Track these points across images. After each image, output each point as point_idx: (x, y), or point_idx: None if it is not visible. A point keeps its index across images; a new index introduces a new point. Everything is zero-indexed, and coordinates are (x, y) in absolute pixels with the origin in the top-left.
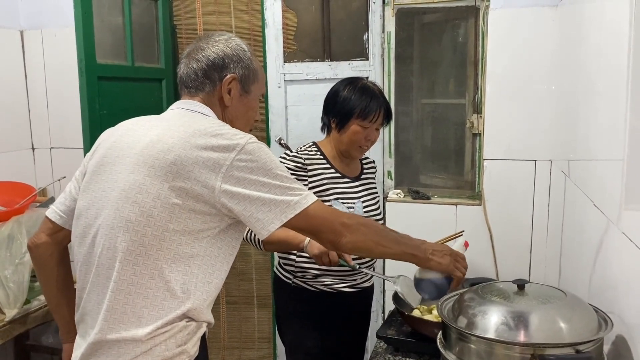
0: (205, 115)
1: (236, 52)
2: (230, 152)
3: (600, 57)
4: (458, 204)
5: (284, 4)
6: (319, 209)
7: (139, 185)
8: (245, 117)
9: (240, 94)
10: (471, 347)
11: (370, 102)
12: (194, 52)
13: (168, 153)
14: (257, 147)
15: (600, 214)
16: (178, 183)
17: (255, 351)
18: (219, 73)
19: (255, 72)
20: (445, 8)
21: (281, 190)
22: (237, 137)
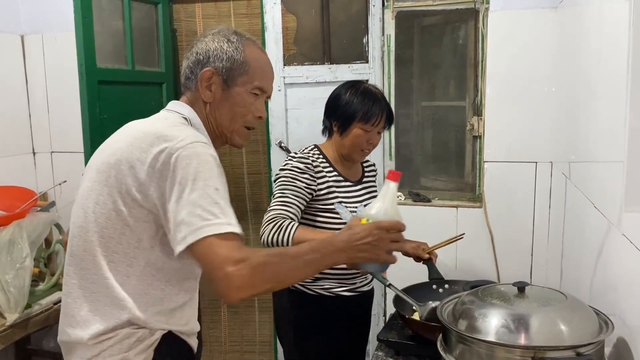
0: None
1: (220, 44)
2: (165, 155)
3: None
4: (459, 207)
5: (283, 8)
6: (215, 244)
7: (87, 191)
8: (230, 113)
9: (222, 88)
10: (472, 350)
11: (372, 106)
12: (190, 50)
13: (111, 157)
14: (196, 153)
15: (600, 216)
16: (115, 187)
17: (257, 355)
18: (200, 68)
19: (243, 63)
20: (444, 10)
21: (198, 208)
22: (179, 138)
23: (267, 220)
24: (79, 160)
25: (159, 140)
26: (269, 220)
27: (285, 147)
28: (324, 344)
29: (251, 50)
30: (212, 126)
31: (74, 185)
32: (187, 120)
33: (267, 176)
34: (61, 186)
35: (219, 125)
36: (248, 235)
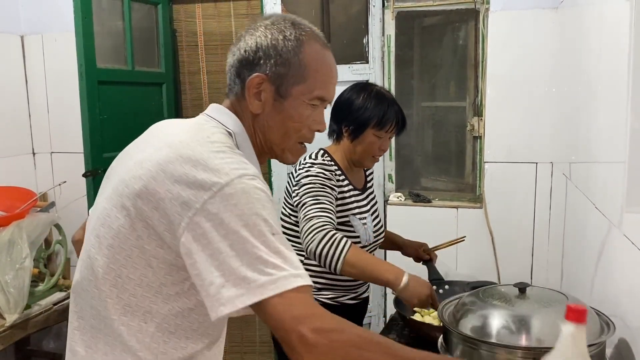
0: (224, 130)
1: (274, 41)
2: (205, 191)
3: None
4: (459, 207)
5: (283, 8)
6: (285, 303)
7: (104, 216)
8: (282, 128)
9: (274, 98)
10: (473, 351)
11: (387, 111)
12: (235, 43)
13: (137, 181)
14: (243, 190)
15: (602, 217)
16: (140, 221)
17: (257, 355)
18: (249, 71)
19: (302, 67)
20: (445, 11)
21: (253, 258)
22: (223, 171)
23: (315, 228)
24: (78, 161)
25: (197, 170)
26: (317, 229)
27: None
28: None
29: (312, 48)
30: (259, 140)
31: (73, 185)
32: (232, 136)
33: (267, 177)
34: (61, 187)
35: (267, 141)
36: None
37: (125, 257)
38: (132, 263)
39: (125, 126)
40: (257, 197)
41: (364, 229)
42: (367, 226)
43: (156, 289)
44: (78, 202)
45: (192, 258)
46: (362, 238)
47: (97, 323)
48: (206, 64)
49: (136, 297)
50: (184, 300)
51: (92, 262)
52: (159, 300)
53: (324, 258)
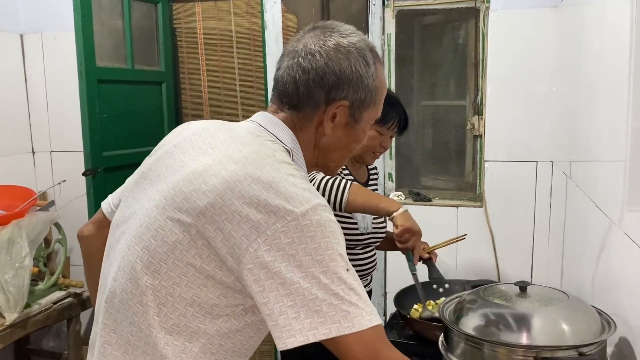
0: (282, 147)
1: (356, 68)
2: (278, 218)
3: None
4: (459, 206)
5: (283, 6)
6: (361, 343)
7: (157, 227)
8: (347, 148)
9: (346, 122)
10: (473, 350)
11: (390, 109)
12: (302, 54)
13: (202, 197)
14: (319, 223)
15: (602, 215)
16: (200, 239)
17: (257, 354)
18: (325, 93)
19: (375, 93)
20: (445, 9)
21: (328, 293)
22: (297, 200)
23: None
24: (78, 160)
25: (269, 193)
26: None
27: None
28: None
29: (381, 72)
30: (314, 155)
31: (73, 184)
32: (290, 154)
33: None
34: (60, 185)
35: (327, 159)
36: None
37: (180, 275)
38: (187, 282)
39: (125, 125)
40: (331, 230)
41: (362, 216)
42: (365, 215)
43: (207, 310)
44: (78, 200)
45: (260, 286)
46: (360, 226)
47: (136, 340)
48: (206, 62)
49: (186, 317)
50: (233, 321)
51: (136, 275)
52: (208, 320)
53: (328, 190)
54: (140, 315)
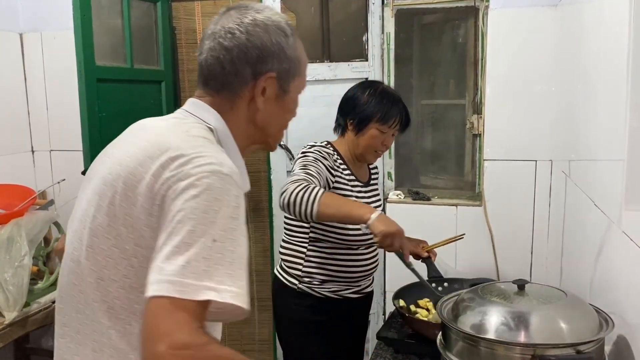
0: (204, 125)
1: (277, 39)
2: (170, 178)
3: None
4: (458, 205)
5: (283, 5)
6: (161, 307)
7: (85, 217)
8: (281, 121)
9: (277, 94)
10: (471, 348)
11: (391, 107)
12: (222, 34)
13: (117, 179)
14: (207, 190)
15: (601, 214)
16: (119, 219)
17: (256, 353)
18: (252, 68)
19: (298, 63)
20: (444, 8)
21: (185, 258)
22: (193, 163)
23: (290, 182)
24: (78, 159)
25: (171, 159)
26: (291, 181)
27: (285, 145)
28: (328, 345)
29: (299, 43)
30: (251, 132)
31: (73, 183)
32: (213, 132)
33: (266, 174)
34: (60, 184)
35: (264, 134)
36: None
37: (106, 258)
38: (114, 264)
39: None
40: (227, 201)
41: None
42: None
43: (139, 290)
44: None
45: (162, 235)
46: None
47: (84, 328)
48: None
49: (120, 299)
50: None
51: (74, 265)
52: (142, 300)
53: (298, 203)
54: (83, 303)
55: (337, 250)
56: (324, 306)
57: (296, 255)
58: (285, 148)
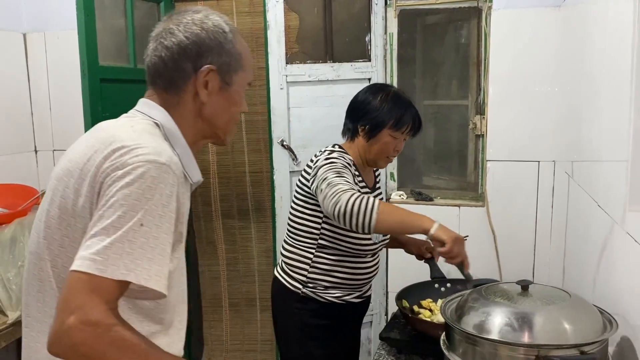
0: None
1: (214, 35)
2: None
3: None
4: (461, 206)
5: (286, 6)
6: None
7: (42, 212)
8: (228, 113)
9: (220, 86)
10: (475, 349)
11: (404, 113)
12: (162, 35)
13: (67, 174)
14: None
15: (604, 215)
16: (68, 211)
17: (258, 354)
18: (192, 63)
19: (239, 57)
20: (447, 9)
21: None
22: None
23: (341, 190)
24: None
25: (112, 150)
26: (343, 191)
27: (288, 145)
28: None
29: (240, 40)
30: (199, 126)
31: None
32: (159, 127)
33: (269, 175)
34: None
35: (213, 127)
36: (249, 234)
37: (59, 248)
38: (66, 252)
39: None
40: (159, 191)
41: None
42: None
43: None
44: None
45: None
46: (373, 235)
47: (43, 316)
48: None
49: None
50: None
51: (33, 257)
52: None
53: (355, 213)
54: (42, 292)
55: (344, 258)
56: (327, 311)
57: (301, 260)
58: (288, 148)
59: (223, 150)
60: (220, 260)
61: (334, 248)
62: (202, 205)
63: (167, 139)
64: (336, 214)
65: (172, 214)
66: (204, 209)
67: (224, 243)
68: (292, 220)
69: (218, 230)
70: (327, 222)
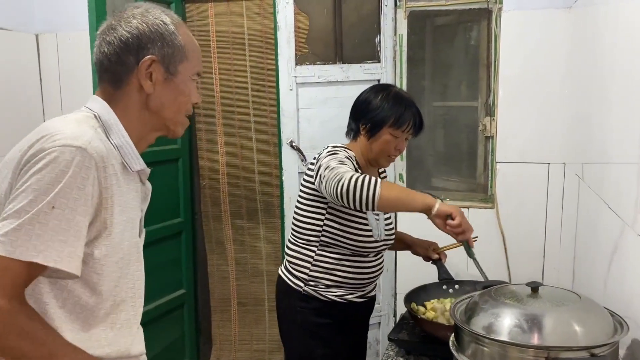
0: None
1: (154, 27)
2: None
3: (615, 58)
4: (470, 207)
5: (296, 7)
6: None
7: None
8: (175, 103)
9: (164, 77)
10: (484, 350)
11: (405, 112)
12: (105, 32)
13: (5, 166)
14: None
15: (615, 217)
16: (5, 199)
17: (266, 354)
18: (134, 56)
19: (182, 48)
20: (457, 10)
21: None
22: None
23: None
24: None
25: (37, 140)
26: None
27: (297, 146)
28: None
29: (184, 31)
30: (147, 118)
31: None
32: (97, 118)
33: (277, 175)
34: None
35: (161, 118)
36: (258, 234)
37: None
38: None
39: None
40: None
41: (376, 223)
42: (379, 222)
43: None
44: None
45: None
46: (375, 233)
47: None
48: (218, 63)
49: None
50: None
51: None
52: None
53: (359, 188)
54: None
55: (346, 257)
56: (329, 310)
57: (303, 258)
58: (297, 149)
59: (232, 151)
60: (229, 260)
61: (336, 246)
62: (211, 205)
63: (105, 130)
64: (339, 192)
65: (88, 197)
66: (213, 209)
67: (232, 243)
68: (296, 218)
69: (227, 231)
70: (329, 219)
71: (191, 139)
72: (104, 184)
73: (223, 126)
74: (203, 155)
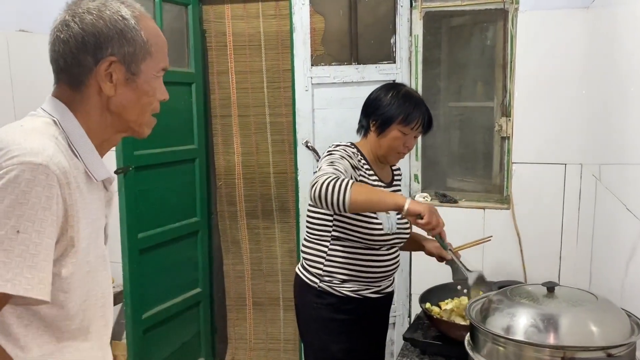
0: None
1: (112, 24)
2: None
3: (633, 58)
4: (486, 208)
5: (312, 8)
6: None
7: None
8: (138, 105)
9: (125, 78)
10: (500, 350)
11: (413, 109)
12: (59, 28)
13: None
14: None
15: (633, 218)
16: None
17: (281, 353)
18: (92, 56)
19: (145, 44)
20: (473, 11)
21: None
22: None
23: (320, 175)
24: (110, 158)
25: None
26: (321, 175)
27: (312, 147)
28: (349, 344)
29: (147, 24)
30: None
31: None
32: (57, 124)
33: (293, 175)
34: None
35: (124, 120)
36: (273, 234)
37: None
38: None
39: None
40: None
41: (386, 217)
42: (389, 216)
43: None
44: None
45: None
46: (385, 226)
47: None
48: (234, 64)
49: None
50: None
51: None
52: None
53: (330, 192)
54: None
55: (359, 250)
56: (345, 305)
57: (317, 254)
58: (312, 149)
59: (248, 151)
60: (245, 260)
61: (348, 240)
62: (227, 205)
63: (66, 137)
64: (314, 196)
65: (54, 217)
66: (228, 209)
67: (248, 243)
68: (309, 214)
69: (242, 230)
70: (338, 214)
71: (207, 139)
72: (69, 200)
73: (239, 126)
74: (219, 156)
